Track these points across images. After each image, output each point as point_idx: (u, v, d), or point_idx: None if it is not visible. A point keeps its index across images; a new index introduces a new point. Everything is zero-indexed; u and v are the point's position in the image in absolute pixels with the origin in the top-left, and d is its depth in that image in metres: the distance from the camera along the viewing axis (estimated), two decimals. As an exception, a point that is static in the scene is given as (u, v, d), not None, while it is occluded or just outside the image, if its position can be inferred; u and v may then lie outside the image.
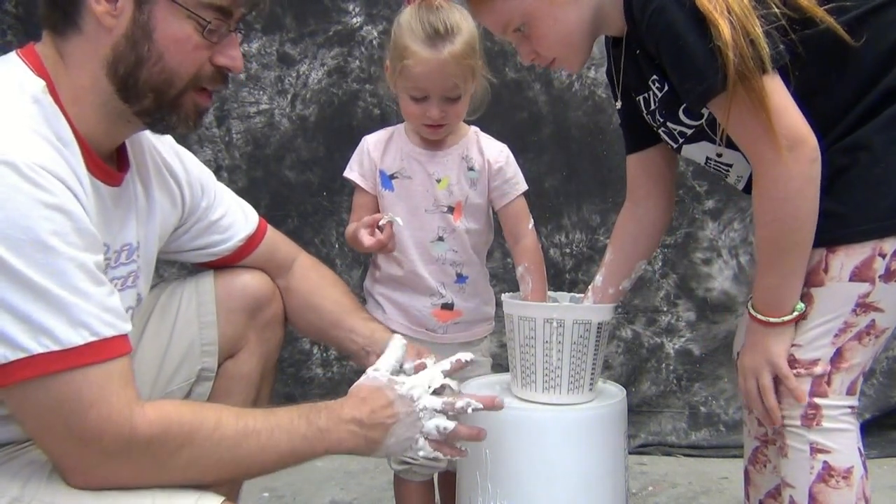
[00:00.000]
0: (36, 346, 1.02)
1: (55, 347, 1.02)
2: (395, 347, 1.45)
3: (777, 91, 1.22)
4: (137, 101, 1.18)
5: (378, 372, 1.35)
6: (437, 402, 1.31)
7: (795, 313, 1.30)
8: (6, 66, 1.17)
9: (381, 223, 1.63)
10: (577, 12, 1.37)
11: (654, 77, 1.35)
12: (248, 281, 1.54)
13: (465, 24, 1.57)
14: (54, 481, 1.10)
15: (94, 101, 1.18)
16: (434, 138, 1.68)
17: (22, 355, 1.01)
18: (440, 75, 1.57)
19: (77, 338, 1.04)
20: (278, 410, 1.22)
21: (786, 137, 1.22)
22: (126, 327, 1.10)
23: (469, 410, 1.32)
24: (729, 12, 1.19)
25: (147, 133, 1.33)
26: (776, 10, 1.22)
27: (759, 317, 1.33)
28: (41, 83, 1.14)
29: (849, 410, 1.31)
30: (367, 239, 1.62)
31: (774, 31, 1.21)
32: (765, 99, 1.21)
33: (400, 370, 1.44)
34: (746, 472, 1.59)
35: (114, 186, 1.24)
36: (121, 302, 1.26)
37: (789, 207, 1.25)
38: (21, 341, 1.01)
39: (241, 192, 1.63)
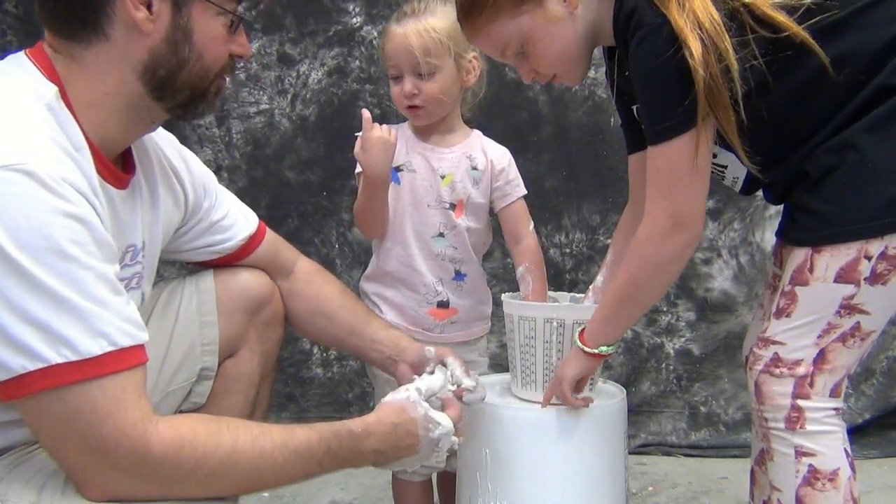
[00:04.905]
0: (55, 357, 1.01)
1: (73, 358, 1.01)
2: (439, 376, 1.47)
3: (703, 154, 1.24)
4: (173, 98, 1.21)
5: (420, 397, 1.35)
6: (450, 422, 1.34)
7: (597, 351, 1.42)
8: (19, 70, 1.16)
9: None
10: (572, 28, 1.37)
11: None
12: (248, 280, 1.54)
13: (441, 10, 1.61)
14: (70, 490, 1.09)
15: (116, 104, 1.18)
16: (416, 122, 1.70)
17: (41, 365, 1.00)
18: (404, 48, 1.61)
19: (96, 348, 1.03)
20: (298, 432, 1.19)
21: (678, 213, 1.27)
22: (143, 336, 1.10)
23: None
24: (700, 29, 1.19)
25: (152, 133, 1.33)
26: (750, 36, 1.21)
27: (577, 342, 1.44)
28: (53, 89, 1.13)
29: (833, 412, 1.30)
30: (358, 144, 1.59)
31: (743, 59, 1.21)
32: (729, 136, 1.23)
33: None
34: (752, 473, 1.58)
35: (121, 189, 1.24)
36: None
37: (653, 272, 1.35)
38: (40, 351, 1.00)
39: (241, 192, 1.63)
